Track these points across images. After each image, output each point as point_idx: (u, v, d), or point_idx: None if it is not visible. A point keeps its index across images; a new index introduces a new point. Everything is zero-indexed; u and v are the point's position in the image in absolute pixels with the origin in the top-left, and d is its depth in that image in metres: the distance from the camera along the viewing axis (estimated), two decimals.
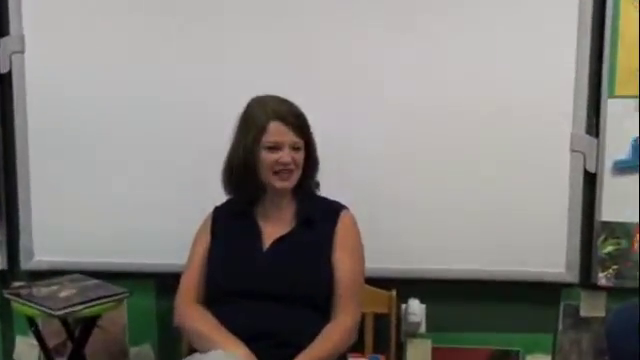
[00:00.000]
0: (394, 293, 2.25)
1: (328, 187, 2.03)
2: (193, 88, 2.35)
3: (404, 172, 2.35)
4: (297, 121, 1.86)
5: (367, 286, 2.05)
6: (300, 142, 1.87)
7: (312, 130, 1.92)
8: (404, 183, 2.35)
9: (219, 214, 1.99)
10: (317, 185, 2.00)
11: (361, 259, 1.95)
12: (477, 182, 2.34)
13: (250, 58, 2.31)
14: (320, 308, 1.86)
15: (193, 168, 2.35)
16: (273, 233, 1.90)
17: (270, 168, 1.85)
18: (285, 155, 1.84)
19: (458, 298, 2.41)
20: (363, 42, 2.31)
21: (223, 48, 2.32)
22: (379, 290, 2.25)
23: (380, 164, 2.34)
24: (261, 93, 1.95)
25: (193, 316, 1.86)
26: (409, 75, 2.32)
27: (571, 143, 2.34)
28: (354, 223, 1.96)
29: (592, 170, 2.35)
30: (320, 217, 1.91)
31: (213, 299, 1.89)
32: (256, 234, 1.91)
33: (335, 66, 2.30)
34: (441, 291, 2.40)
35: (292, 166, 1.86)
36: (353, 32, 2.29)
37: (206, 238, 1.96)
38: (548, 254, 2.35)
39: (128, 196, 2.40)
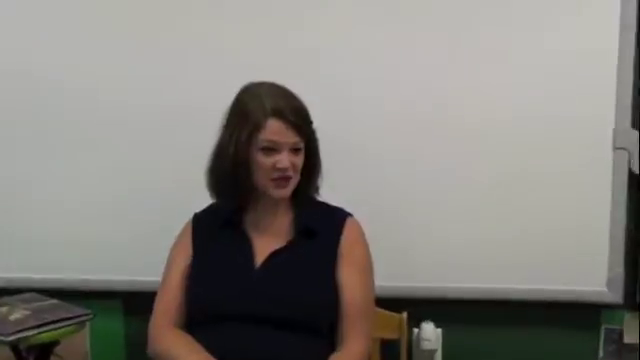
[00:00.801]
0: (405, 316, 2.06)
1: (324, 192, 1.89)
2: (173, 81, 2.24)
3: (415, 175, 2.23)
4: (298, 118, 1.72)
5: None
6: (301, 142, 1.74)
7: (315, 128, 1.78)
8: (415, 187, 2.23)
9: (200, 223, 1.86)
10: (317, 189, 1.86)
11: (371, 275, 1.82)
12: (502, 186, 2.20)
13: (237, 52, 2.21)
14: (324, 334, 1.75)
15: (168, 169, 2.24)
16: (267, 246, 1.77)
17: (266, 174, 1.72)
18: (284, 159, 1.70)
19: (480, 321, 2.29)
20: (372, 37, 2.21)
21: (206, 41, 2.23)
22: (387, 312, 2.07)
23: (387, 166, 2.23)
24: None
25: (172, 340, 1.73)
26: (433, 68, 2.20)
27: (613, 139, 2.18)
28: (362, 233, 1.83)
29: (638, 171, 2.20)
30: (322, 226, 1.79)
31: (196, 323, 1.75)
32: (247, 247, 1.77)
33: (336, 63, 2.21)
34: (460, 313, 2.28)
35: (290, 172, 1.73)
36: (356, 27, 2.21)
37: (186, 250, 1.82)
38: (586, 270, 2.21)
39: (91, 201, 2.31)
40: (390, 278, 2.09)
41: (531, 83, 2.17)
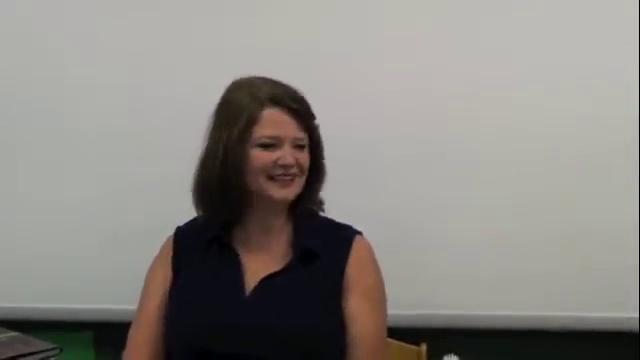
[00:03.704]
0: (424, 348, 1.88)
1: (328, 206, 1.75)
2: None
3: (434, 185, 2.15)
4: (300, 107, 1.58)
5: (387, 339, 1.73)
6: (305, 138, 1.59)
7: (318, 123, 1.63)
8: (430, 199, 2.16)
9: (183, 240, 1.71)
10: (321, 204, 1.71)
11: (384, 305, 1.66)
12: (530, 199, 2.13)
13: (234, 52, 2.15)
14: None
15: (147, 177, 2.16)
16: (260, 269, 1.61)
17: (264, 172, 1.56)
18: (287, 154, 1.55)
19: (510, 354, 2.18)
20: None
21: (204, 40, 2.17)
22: (403, 344, 1.90)
23: (398, 174, 2.15)
24: None
25: None
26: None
27: None
28: (372, 255, 1.67)
29: None
30: (325, 247, 1.64)
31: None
32: (235, 269, 1.62)
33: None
34: (488, 345, 2.17)
35: (295, 170, 1.57)
36: (359, 27, 2.17)
37: (164, 275, 1.67)
38: (627, 292, 2.10)
39: (57, 220, 2.22)
40: (406, 305, 2.03)
41: (553, 82, 2.12)
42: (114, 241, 2.19)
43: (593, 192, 2.12)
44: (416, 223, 2.16)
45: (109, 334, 1.97)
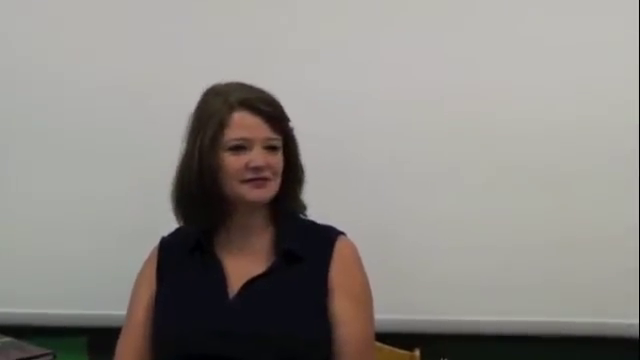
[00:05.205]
0: (417, 353, 1.84)
1: (310, 206, 1.73)
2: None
3: (426, 187, 2.13)
4: (271, 110, 1.58)
5: (379, 344, 1.74)
6: (277, 140, 1.58)
7: (292, 126, 1.62)
8: (427, 201, 2.13)
9: (168, 248, 1.72)
10: (304, 208, 1.70)
11: (370, 307, 1.64)
12: (528, 204, 2.10)
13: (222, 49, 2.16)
14: None
15: (145, 182, 2.12)
16: (243, 272, 1.60)
17: (237, 176, 1.56)
18: (257, 157, 1.54)
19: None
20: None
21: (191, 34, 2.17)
22: (396, 350, 1.87)
23: (388, 175, 2.14)
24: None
25: None
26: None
27: None
28: (356, 255, 1.66)
29: None
30: (308, 249, 1.63)
31: None
32: (217, 273, 1.62)
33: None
34: (483, 351, 2.14)
35: (267, 172, 1.56)
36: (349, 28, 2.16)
37: (150, 281, 1.68)
38: (628, 298, 2.06)
39: (51, 223, 2.19)
40: (399, 310, 2.04)
41: (552, 87, 2.09)
42: (109, 246, 2.17)
43: (593, 197, 2.09)
44: (409, 228, 2.13)
45: (103, 339, 1.90)
